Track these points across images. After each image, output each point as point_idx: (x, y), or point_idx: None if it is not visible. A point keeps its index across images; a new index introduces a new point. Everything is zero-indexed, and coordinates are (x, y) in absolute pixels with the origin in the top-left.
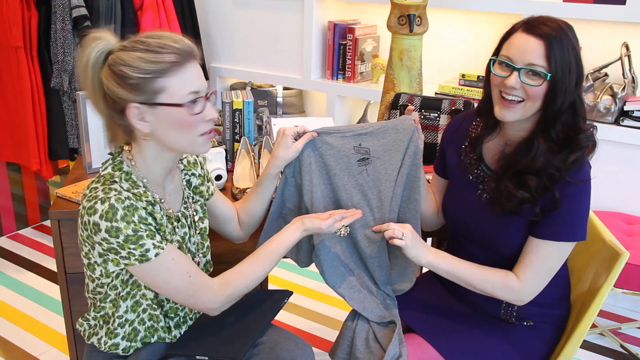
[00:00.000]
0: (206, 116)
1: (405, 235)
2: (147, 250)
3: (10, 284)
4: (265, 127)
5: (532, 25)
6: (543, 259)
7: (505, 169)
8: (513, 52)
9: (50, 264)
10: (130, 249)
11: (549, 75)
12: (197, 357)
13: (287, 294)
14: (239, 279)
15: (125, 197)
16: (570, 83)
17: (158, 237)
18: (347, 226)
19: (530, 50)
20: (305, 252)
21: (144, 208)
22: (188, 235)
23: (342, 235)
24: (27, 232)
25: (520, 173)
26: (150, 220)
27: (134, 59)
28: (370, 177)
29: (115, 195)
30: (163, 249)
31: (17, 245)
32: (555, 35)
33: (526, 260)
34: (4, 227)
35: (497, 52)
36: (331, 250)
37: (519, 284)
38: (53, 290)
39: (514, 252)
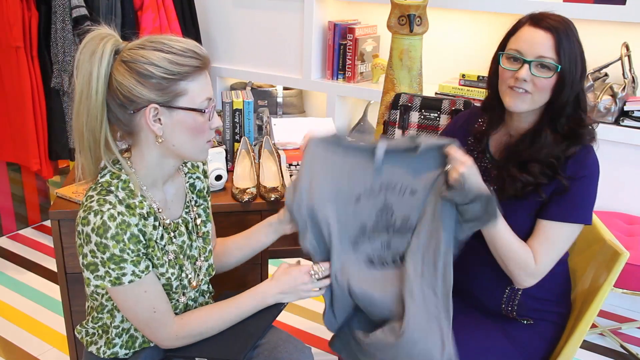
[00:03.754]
0: (213, 124)
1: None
2: (124, 275)
3: (10, 284)
4: (265, 127)
5: (539, 19)
6: (552, 242)
7: (508, 157)
8: (522, 45)
9: (50, 264)
10: (109, 268)
11: (559, 67)
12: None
13: None
14: (198, 327)
15: (118, 213)
16: (576, 76)
17: (142, 266)
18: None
19: (539, 42)
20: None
21: (136, 224)
22: (189, 242)
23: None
24: (27, 232)
25: (524, 161)
26: (141, 237)
27: (160, 58)
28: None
29: (108, 209)
30: (140, 278)
31: (17, 245)
32: (563, 29)
33: (536, 244)
34: (4, 227)
35: (502, 47)
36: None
37: (534, 265)
38: (53, 290)
39: None
